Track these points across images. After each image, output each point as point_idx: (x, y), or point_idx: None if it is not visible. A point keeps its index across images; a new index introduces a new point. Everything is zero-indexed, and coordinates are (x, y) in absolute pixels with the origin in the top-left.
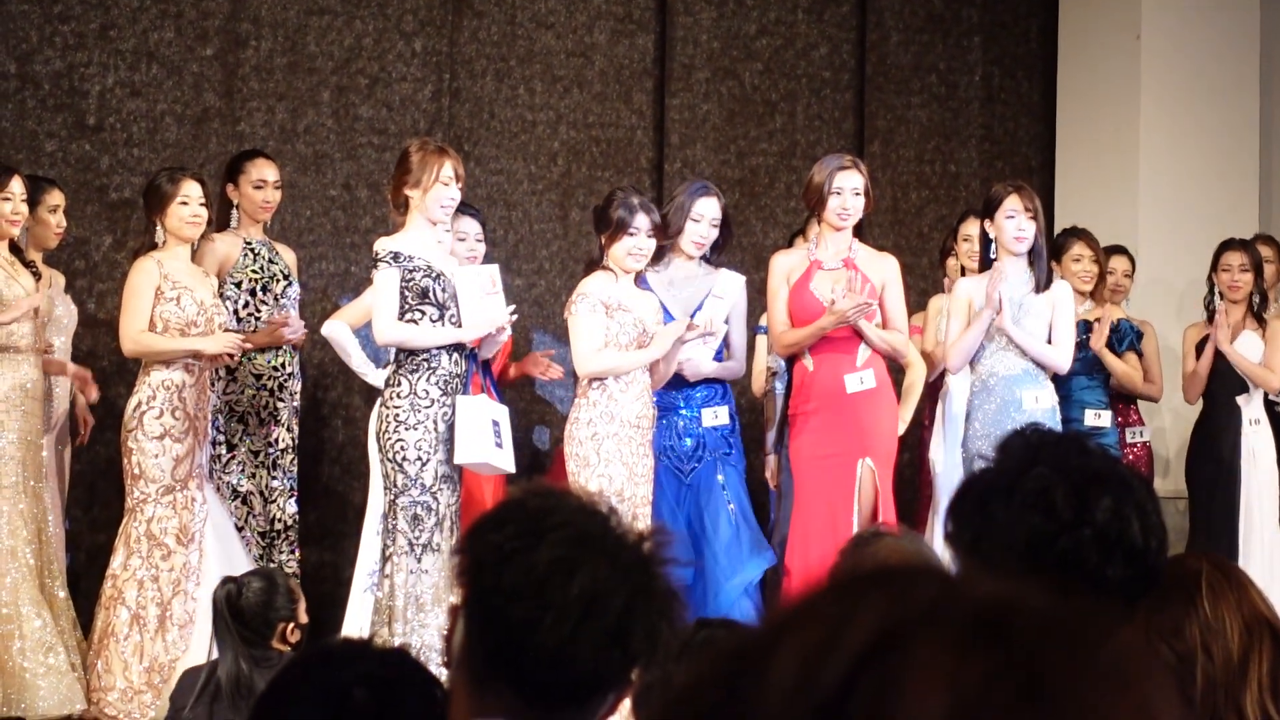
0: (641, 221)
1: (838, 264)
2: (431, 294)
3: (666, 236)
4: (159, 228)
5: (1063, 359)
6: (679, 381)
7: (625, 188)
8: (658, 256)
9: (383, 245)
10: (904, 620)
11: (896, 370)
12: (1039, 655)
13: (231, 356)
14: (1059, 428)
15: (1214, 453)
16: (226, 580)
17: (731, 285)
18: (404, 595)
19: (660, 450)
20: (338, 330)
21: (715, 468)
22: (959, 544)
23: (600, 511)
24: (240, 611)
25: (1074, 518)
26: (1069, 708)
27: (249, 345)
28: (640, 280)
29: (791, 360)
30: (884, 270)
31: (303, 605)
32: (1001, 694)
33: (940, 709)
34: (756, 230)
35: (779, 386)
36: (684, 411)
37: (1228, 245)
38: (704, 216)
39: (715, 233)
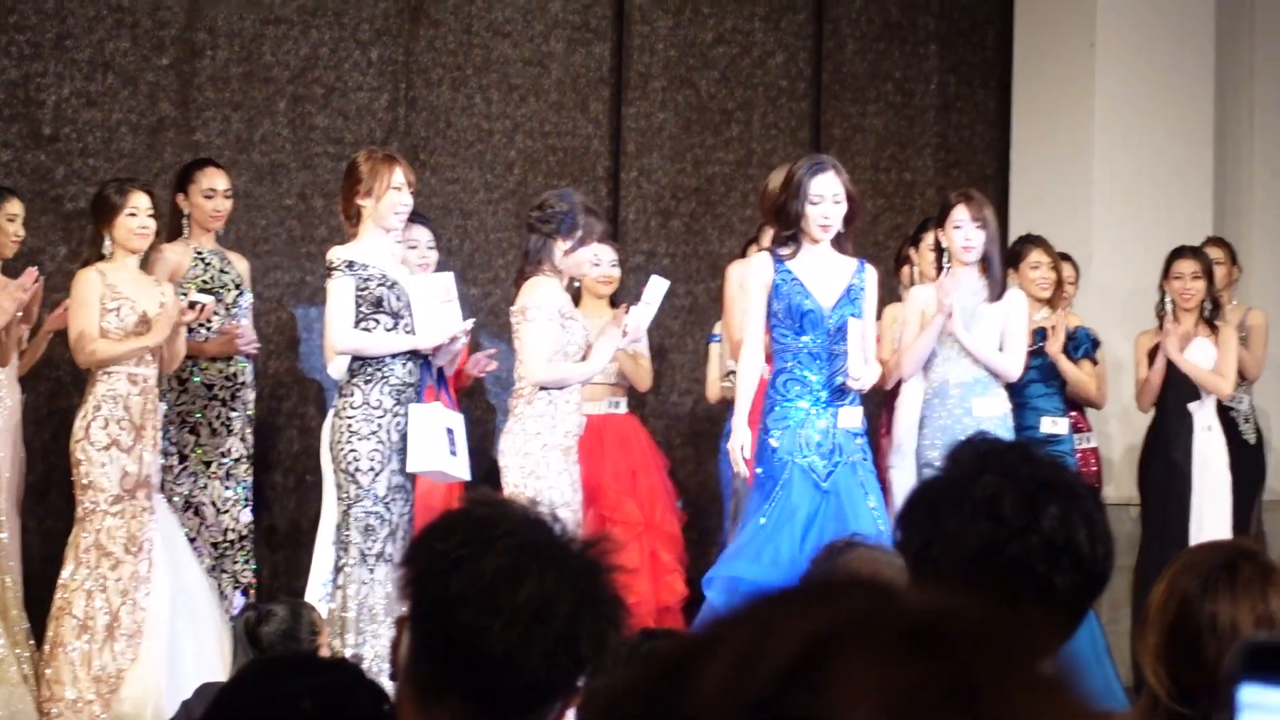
0: (597, 226)
1: None
2: (385, 302)
3: (789, 225)
4: (106, 239)
5: (1013, 367)
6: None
7: (564, 192)
8: (790, 244)
9: (336, 254)
10: (834, 629)
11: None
12: (971, 665)
13: (191, 329)
14: (1011, 435)
15: (1166, 459)
16: (251, 606)
17: (658, 290)
18: (357, 606)
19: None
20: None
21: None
22: (908, 552)
23: (545, 520)
24: (259, 640)
25: (1022, 525)
26: (1000, 717)
27: (190, 316)
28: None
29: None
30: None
31: (325, 638)
32: (932, 702)
33: (870, 717)
34: (713, 239)
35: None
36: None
37: (1179, 253)
38: (824, 196)
39: (841, 209)
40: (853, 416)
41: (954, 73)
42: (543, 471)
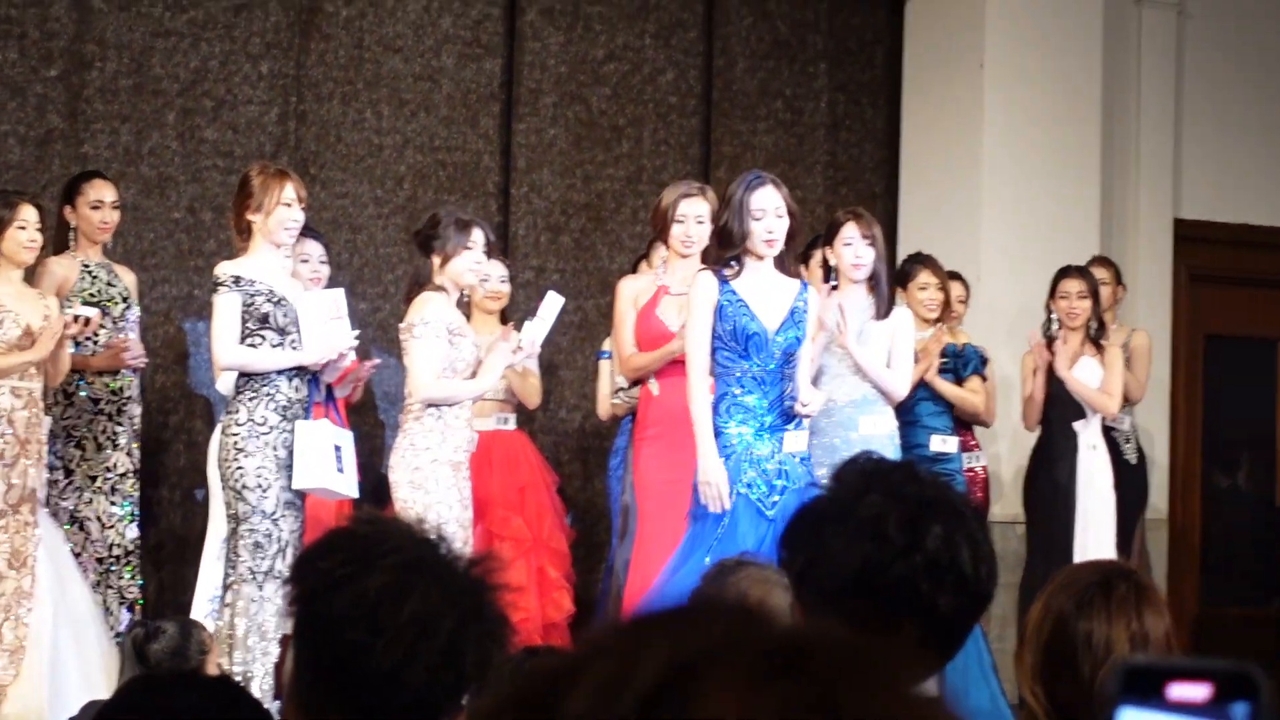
0: (478, 236)
1: (685, 289)
2: (272, 318)
3: (733, 245)
4: None
5: (901, 385)
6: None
7: (447, 208)
8: (733, 264)
9: (223, 270)
10: (697, 654)
11: None
12: (835, 688)
13: (77, 343)
14: (898, 454)
15: (1052, 477)
16: (140, 623)
17: (553, 306)
18: (245, 623)
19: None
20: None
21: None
22: (792, 571)
23: (429, 538)
24: (147, 657)
25: (906, 545)
26: None
27: (74, 330)
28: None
29: (637, 384)
30: None
31: (213, 658)
32: None
33: None
34: (603, 255)
35: None
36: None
37: (1065, 272)
38: (767, 210)
39: (784, 223)
40: (798, 441)
41: (843, 91)
42: (431, 487)
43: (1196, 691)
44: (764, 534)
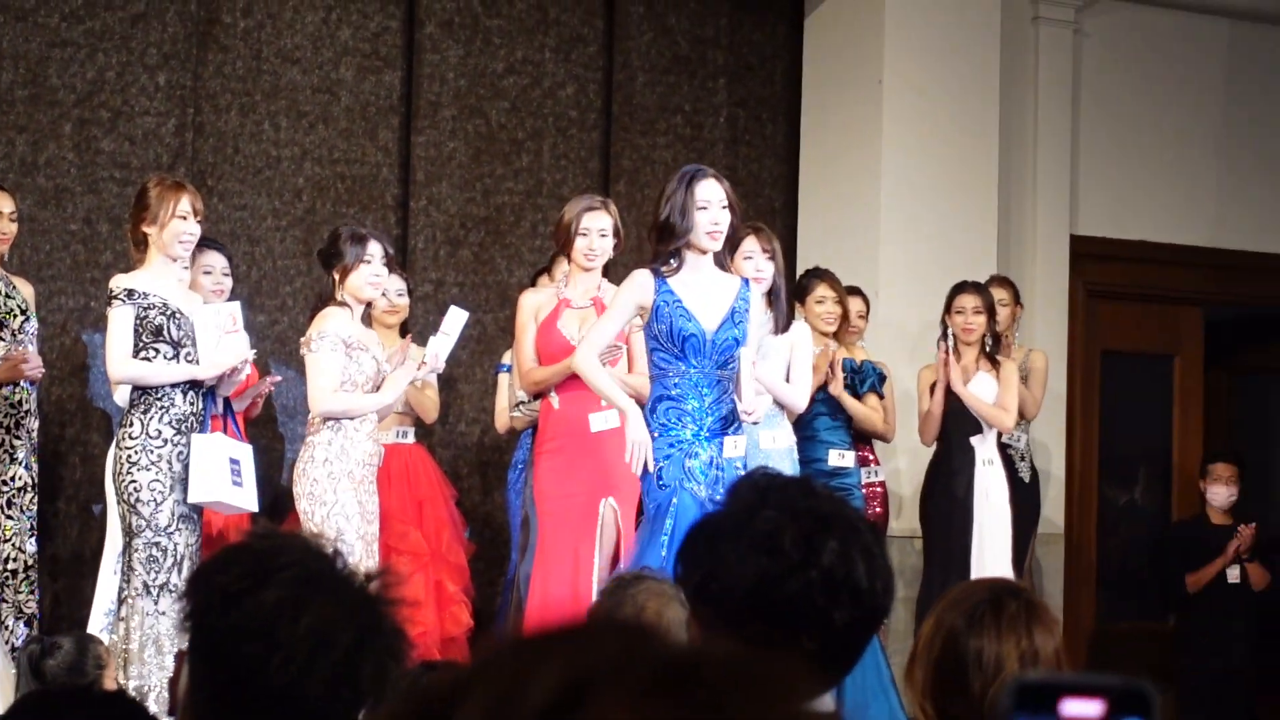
0: (375, 249)
1: (586, 303)
2: (166, 331)
3: (675, 239)
4: None
5: (800, 399)
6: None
7: (347, 221)
8: (671, 260)
9: (117, 283)
10: (590, 671)
11: None
12: (726, 705)
13: None
14: (797, 468)
15: (949, 492)
16: (36, 639)
17: (457, 321)
18: (140, 637)
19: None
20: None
21: None
22: (688, 586)
23: (326, 552)
24: (42, 673)
25: (801, 559)
26: None
27: None
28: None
29: (537, 398)
30: None
31: (110, 673)
32: None
33: None
34: (502, 269)
35: None
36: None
37: (961, 288)
38: (711, 201)
39: (728, 216)
40: (738, 446)
41: (743, 106)
42: (330, 500)
43: (1089, 708)
44: None
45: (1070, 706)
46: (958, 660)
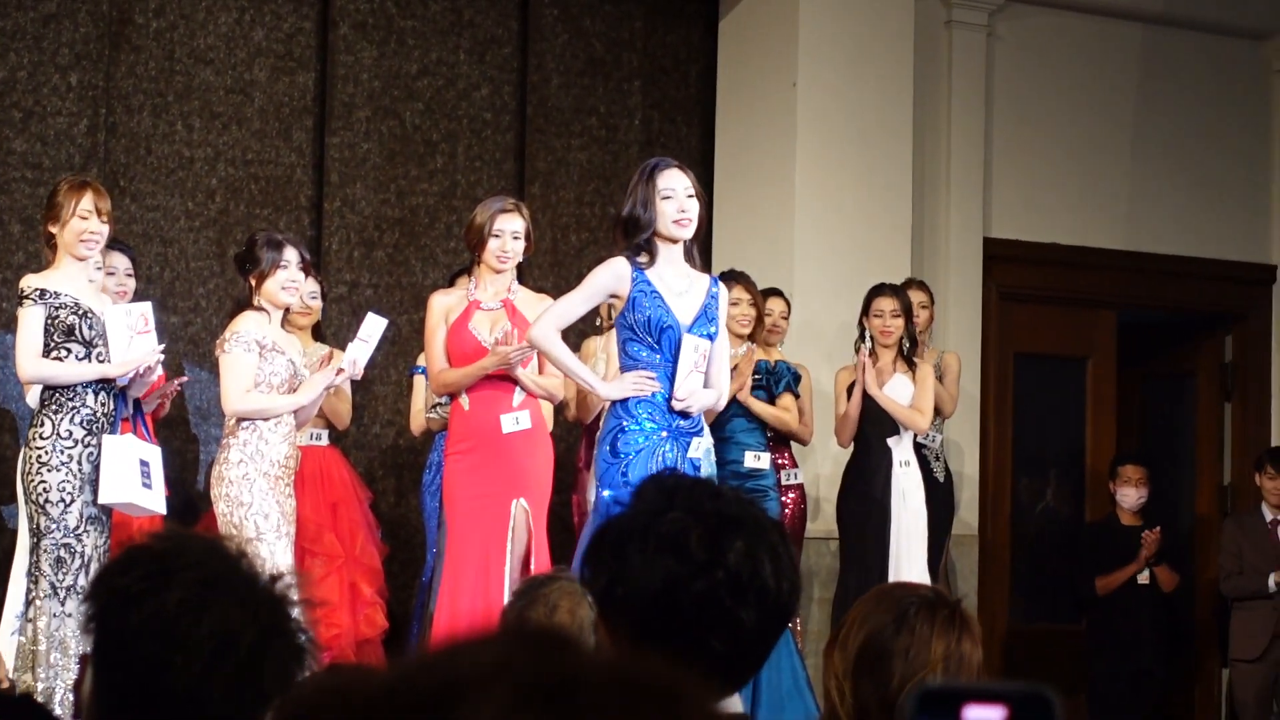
0: (291, 254)
1: (497, 305)
2: (77, 331)
3: (640, 231)
4: None
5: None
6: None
7: (266, 226)
8: (644, 253)
9: (28, 282)
10: (460, 683)
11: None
12: (603, 714)
13: None
14: (714, 470)
15: (866, 493)
16: None
17: (375, 328)
18: (47, 639)
19: None
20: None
21: None
22: (595, 589)
23: (229, 552)
24: None
25: (707, 561)
26: None
27: None
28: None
29: (450, 399)
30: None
31: (3, 672)
32: None
33: None
34: (416, 270)
35: None
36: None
37: (879, 290)
38: (676, 190)
39: (695, 205)
40: (700, 447)
41: (657, 109)
42: (246, 500)
43: (991, 714)
44: None
45: (972, 713)
46: (882, 652)
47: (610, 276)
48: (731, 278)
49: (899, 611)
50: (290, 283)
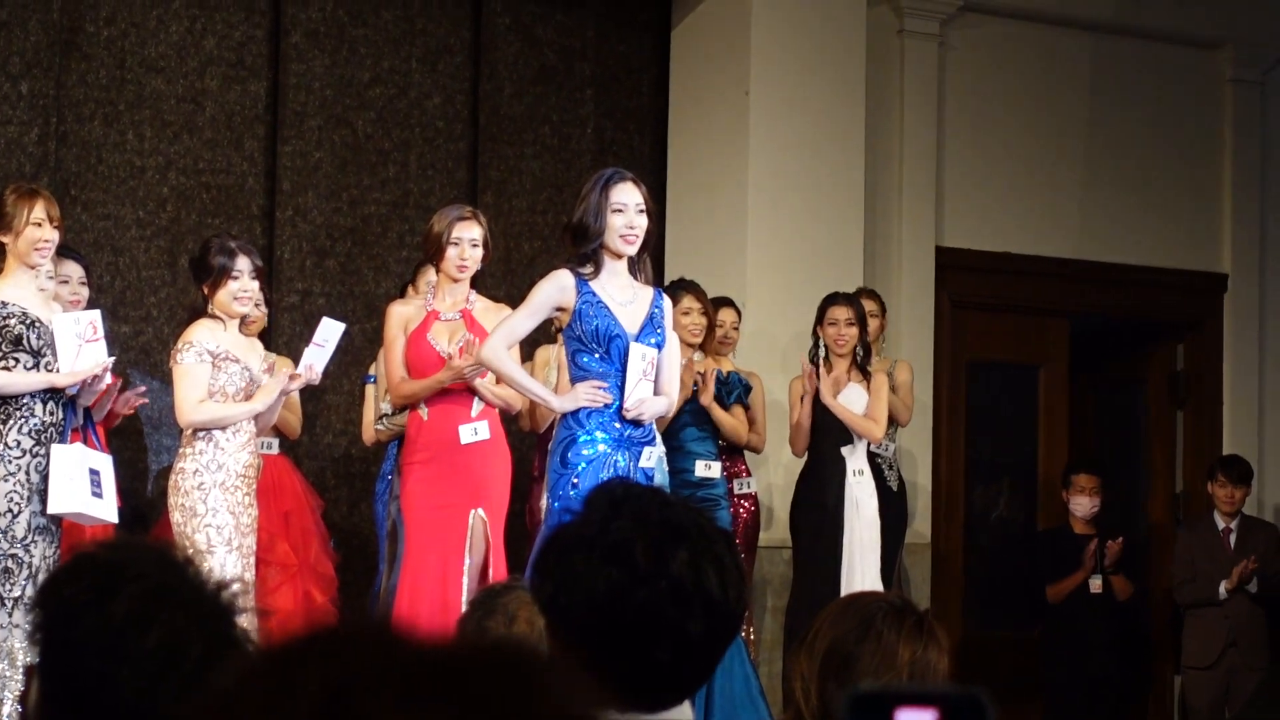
0: (243, 264)
1: (455, 315)
2: (25, 341)
3: (588, 241)
4: None
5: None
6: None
7: (220, 234)
8: (589, 264)
9: None
10: (348, 681)
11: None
12: (492, 706)
13: None
14: (666, 479)
15: (819, 502)
16: None
17: (332, 332)
18: None
19: None
20: None
21: None
22: (541, 597)
23: (177, 561)
24: None
25: (650, 570)
26: None
27: None
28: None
29: (405, 409)
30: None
31: None
32: None
33: None
34: (369, 279)
35: None
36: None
37: (833, 299)
38: (627, 205)
39: (644, 221)
40: (651, 457)
41: (610, 118)
42: (200, 510)
43: (923, 717)
44: None
45: (904, 716)
46: (847, 657)
47: (554, 289)
48: (681, 287)
49: (866, 617)
50: (242, 292)
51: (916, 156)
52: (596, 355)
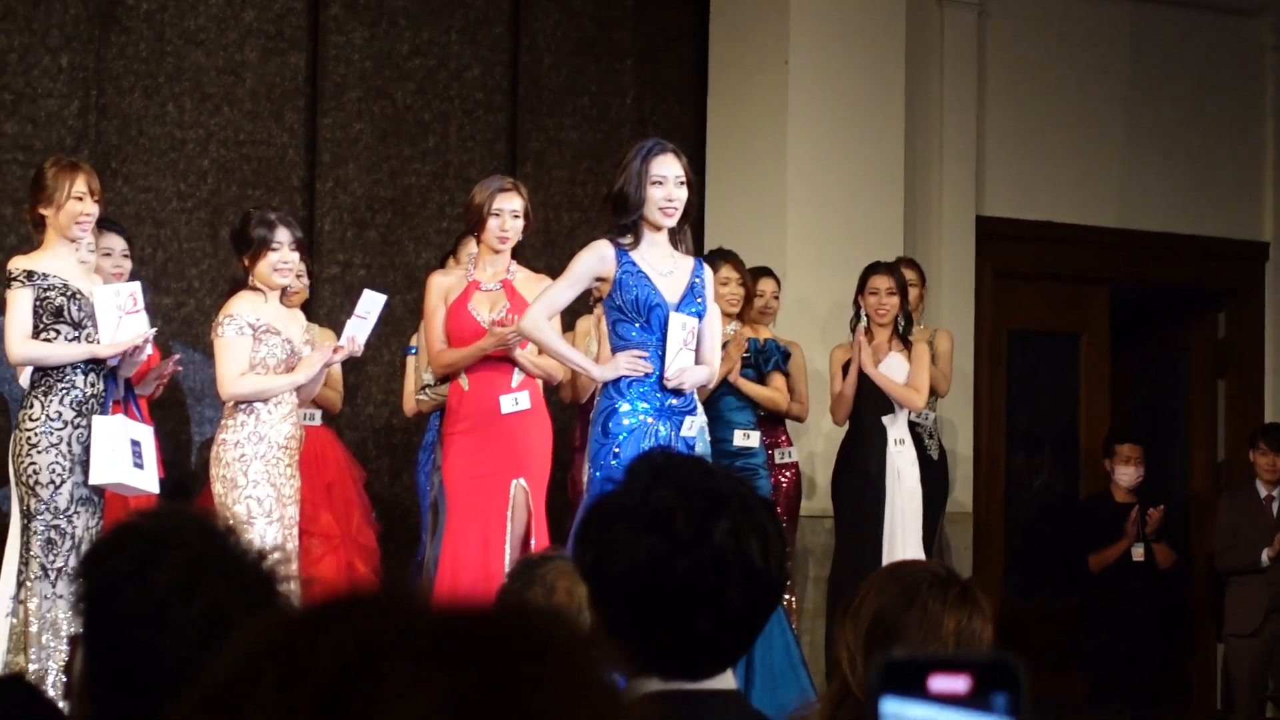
0: (283, 235)
1: (496, 285)
2: (66, 312)
3: (628, 212)
4: None
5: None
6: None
7: (261, 206)
8: (628, 234)
9: (16, 264)
10: (365, 645)
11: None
12: (510, 665)
13: None
14: (708, 448)
15: (861, 471)
16: None
17: (373, 304)
18: (39, 621)
19: None
20: None
21: None
22: (582, 567)
23: (218, 531)
24: None
25: (693, 539)
26: (542, 712)
27: None
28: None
29: (446, 380)
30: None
31: None
32: (475, 703)
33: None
34: (409, 250)
35: None
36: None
37: (874, 269)
38: (667, 177)
39: (684, 193)
40: (693, 426)
41: (649, 88)
42: (241, 482)
43: (956, 683)
44: None
45: (938, 683)
46: (891, 626)
47: (594, 259)
48: (720, 256)
49: (910, 587)
50: (282, 264)
51: (956, 125)
52: (637, 325)
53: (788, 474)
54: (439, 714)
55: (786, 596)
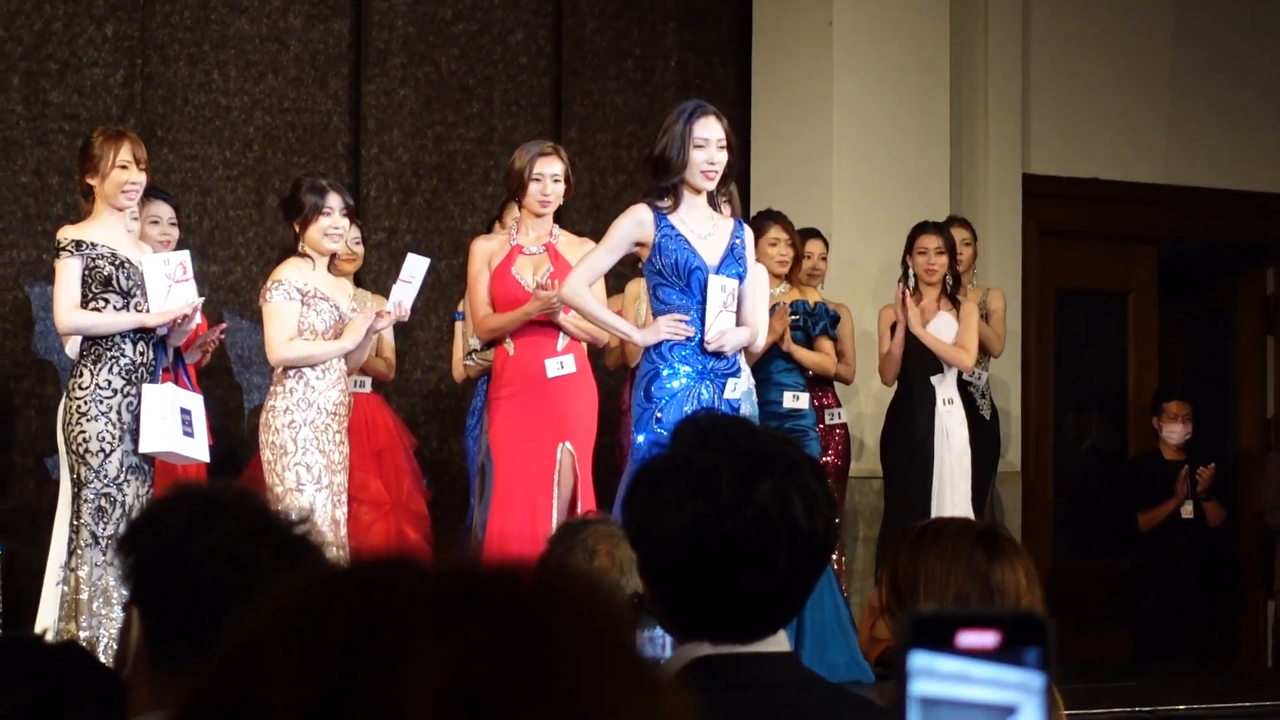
0: (334, 201)
1: (539, 249)
2: (115, 281)
3: (669, 174)
4: None
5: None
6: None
7: (311, 172)
8: (667, 197)
9: (65, 234)
10: (379, 607)
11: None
12: (532, 624)
13: None
14: (755, 411)
15: (909, 432)
16: None
17: (417, 268)
18: (90, 589)
19: None
20: None
21: None
22: (630, 530)
23: (263, 498)
24: None
25: (737, 501)
26: (561, 668)
27: None
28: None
29: (492, 344)
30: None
31: None
32: (494, 660)
33: (432, 684)
34: (455, 215)
35: None
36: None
37: (923, 228)
38: (709, 140)
39: (724, 156)
40: (737, 389)
41: (693, 50)
42: (291, 449)
43: (985, 639)
44: None
45: (966, 639)
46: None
47: (633, 224)
48: (769, 217)
49: (942, 538)
50: (333, 229)
51: (1002, 83)
52: (677, 288)
53: (837, 434)
54: (458, 669)
55: (835, 557)
